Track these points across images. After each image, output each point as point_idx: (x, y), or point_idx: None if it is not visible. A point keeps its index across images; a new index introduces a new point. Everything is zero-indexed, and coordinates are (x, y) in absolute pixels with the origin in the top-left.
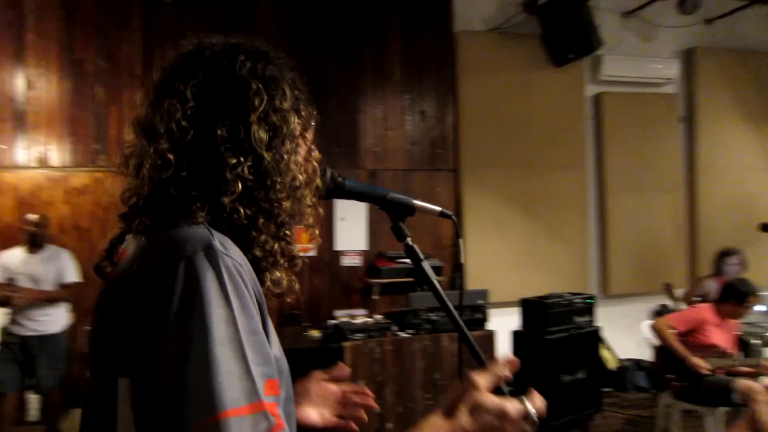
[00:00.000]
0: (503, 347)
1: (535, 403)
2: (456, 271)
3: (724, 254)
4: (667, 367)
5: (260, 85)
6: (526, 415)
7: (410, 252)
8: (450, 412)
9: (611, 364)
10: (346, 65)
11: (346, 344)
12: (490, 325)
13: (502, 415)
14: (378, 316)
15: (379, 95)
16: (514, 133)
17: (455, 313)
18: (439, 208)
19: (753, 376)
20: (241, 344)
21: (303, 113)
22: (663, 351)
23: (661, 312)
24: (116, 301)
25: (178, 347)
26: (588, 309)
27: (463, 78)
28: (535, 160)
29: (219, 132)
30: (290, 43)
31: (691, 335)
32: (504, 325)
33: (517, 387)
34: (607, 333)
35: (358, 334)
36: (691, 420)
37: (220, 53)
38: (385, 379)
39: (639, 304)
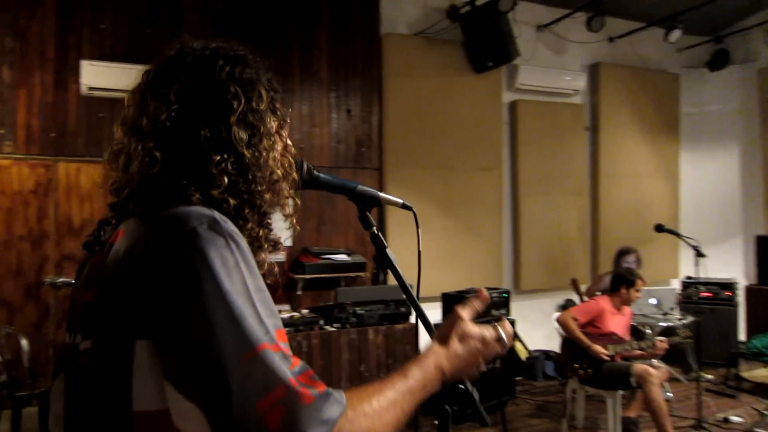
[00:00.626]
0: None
1: (505, 330)
2: (418, 260)
3: (622, 253)
4: (572, 356)
5: (238, 88)
6: (499, 339)
7: (375, 240)
8: (443, 340)
9: (523, 355)
10: (273, 60)
11: None
12: (413, 318)
13: (483, 340)
14: (305, 311)
15: (306, 92)
16: (436, 134)
17: (415, 297)
18: (401, 200)
19: (646, 358)
20: (252, 298)
21: (278, 112)
22: (568, 341)
23: (566, 306)
24: (123, 274)
25: (201, 304)
26: (504, 303)
27: (389, 79)
28: (454, 161)
29: (202, 132)
30: (215, 35)
31: (592, 325)
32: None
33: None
34: (519, 326)
35: (285, 329)
36: (594, 403)
37: (200, 58)
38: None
39: (547, 298)
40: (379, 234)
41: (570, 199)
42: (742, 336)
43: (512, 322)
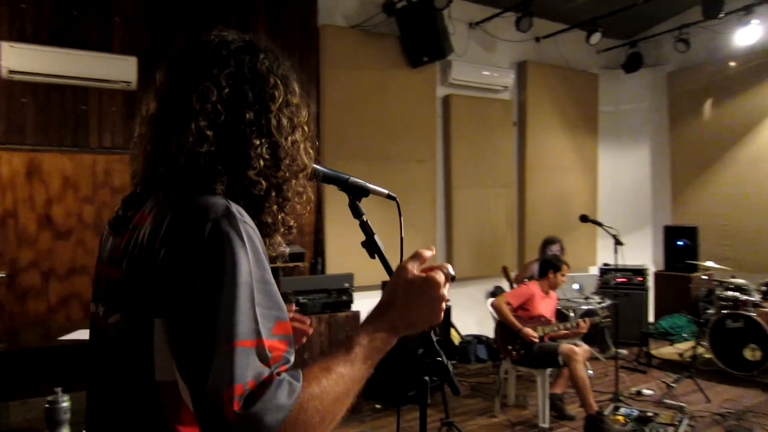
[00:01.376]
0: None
1: (446, 266)
2: (401, 247)
3: (548, 242)
4: (505, 338)
5: (278, 81)
6: (446, 275)
7: (365, 227)
8: (390, 296)
9: (456, 339)
10: None
11: None
12: (355, 306)
13: (429, 282)
14: None
15: None
16: (373, 126)
17: None
18: (386, 191)
19: (571, 338)
20: (252, 291)
21: (306, 109)
22: (502, 325)
23: (495, 293)
24: (146, 257)
25: (207, 292)
26: None
27: (326, 71)
28: (391, 153)
29: (247, 116)
30: (148, 20)
31: (522, 309)
32: (368, 306)
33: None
34: (452, 312)
35: None
36: (523, 382)
37: (244, 48)
38: None
39: (478, 286)
40: (368, 222)
41: (499, 191)
42: (651, 317)
43: (448, 309)
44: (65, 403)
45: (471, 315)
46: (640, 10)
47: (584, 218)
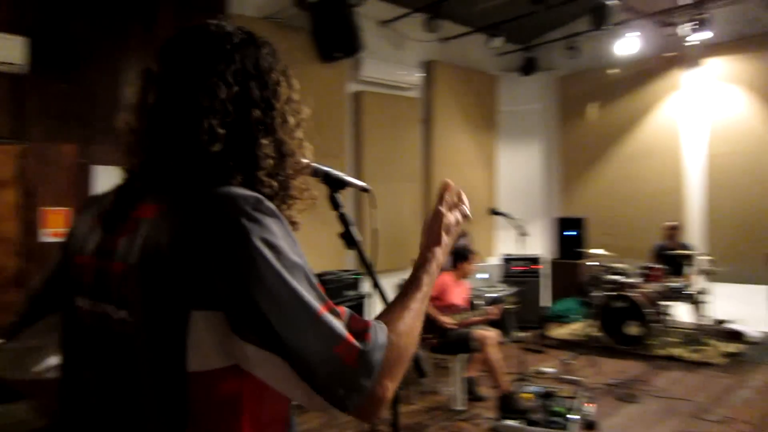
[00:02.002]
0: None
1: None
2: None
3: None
4: (422, 328)
5: (281, 77)
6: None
7: (343, 219)
8: (433, 238)
9: None
10: (111, 34)
11: None
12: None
13: (459, 221)
14: None
15: None
16: None
17: (375, 272)
18: (363, 183)
19: (482, 324)
20: (304, 267)
21: (302, 105)
22: None
23: (382, 292)
24: (176, 250)
25: (273, 275)
26: (355, 284)
27: None
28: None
29: (254, 114)
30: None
31: (437, 299)
32: None
33: None
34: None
35: None
36: (440, 370)
37: (246, 42)
38: None
39: (389, 279)
40: (346, 213)
41: (407, 186)
42: (547, 302)
43: (360, 304)
44: None
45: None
46: (535, 18)
47: (493, 211)
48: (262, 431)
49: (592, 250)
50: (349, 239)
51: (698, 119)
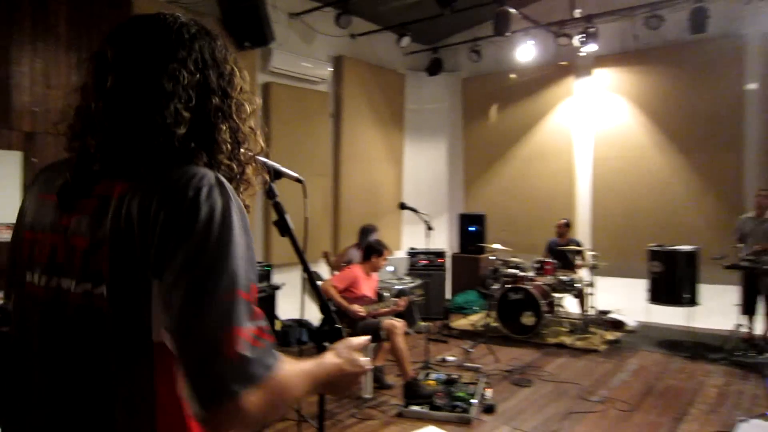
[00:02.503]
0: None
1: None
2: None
3: (367, 230)
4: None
5: (234, 68)
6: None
7: (278, 208)
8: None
9: (278, 325)
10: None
11: None
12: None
13: (359, 370)
14: None
15: (41, 49)
16: None
17: (307, 261)
18: (296, 174)
19: (390, 314)
20: (246, 252)
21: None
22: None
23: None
24: (142, 222)
25: (209, 247)
26: (266, 276)
27: None
28: None
29: (213, 101)
30: None
31: (348, 291)
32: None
33: None
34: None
35: None
36: None
37: (202, 33)
38: None
39: (297, 272)
40: (280, 203)
41: (317, 180)
42: (449, 294)
43: (272, 296)
44: None
45: (291, 300)
46: (442, 20)
47: (402, 206)
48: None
49: (491, 245)
50: (283, 227)
51: (587, 125)
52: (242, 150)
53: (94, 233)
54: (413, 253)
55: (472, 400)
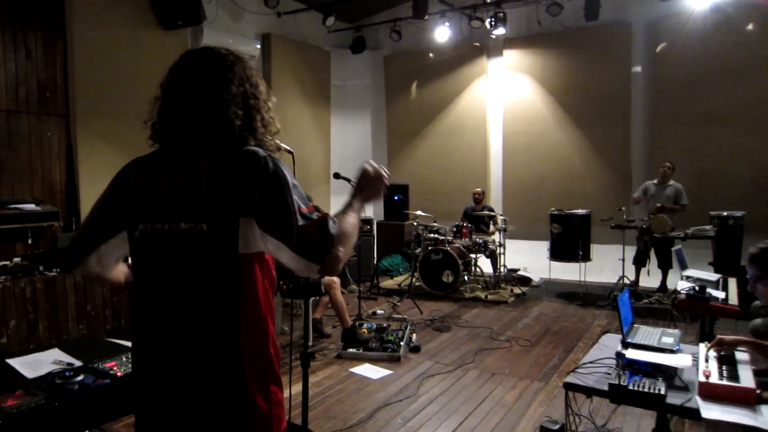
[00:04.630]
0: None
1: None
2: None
3: None
4: (278, 273)
5: (258, 80)
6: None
7: None
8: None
9: None
10: None
11: None
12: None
13: (378, 174)
14: (17, 259)
15: None
16: (129, 86)
17: None
18: (288, 147)
19: None
20: (299, 188)
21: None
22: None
23: None
24: (230, 182)
25: (284, 190)
26: None
27: (73, 23)
28: (146, 114)
29: (251, 102)
30: None
31: None
32: None
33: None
34: None
35: (2, 276)
36: (287, 313)
37: (236, 59)
38: (38, 315)
39: None
40: None
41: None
42: (376, 259)
43: None
44: None
45: None
46: (364, 1)
47: (336, 175)
48: (266, 293)
49: (414, 213)
50: None
51: (498, 102)
52: (268, 131)
53: (193, 192)
54: None
55: (401, 343)
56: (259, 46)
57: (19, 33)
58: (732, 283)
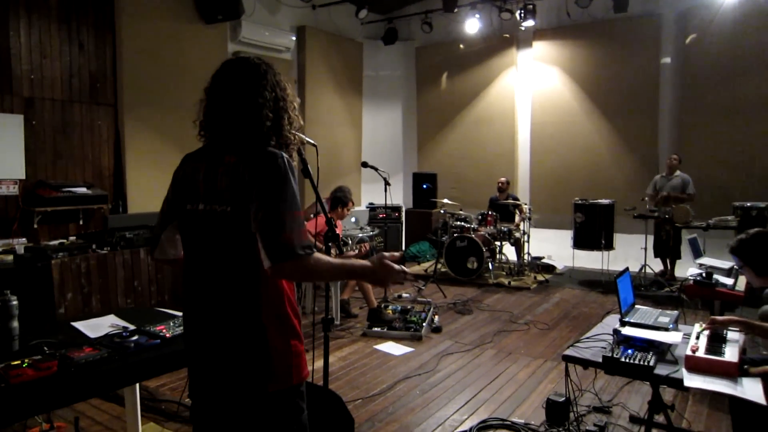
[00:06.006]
0: None
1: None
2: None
3: (337, 189)
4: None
5: (286, 85)
6: (401, 270)
7: (303, 160)
8: (374, 261)
9: None
10: None
11: (54, 262)
12: None
13: (393, 269)
14: (72, 238)
15: (35, 21)
16: (172, 77)
17: (319, 194)
18: (312, 140)
19: (358, 257)
20: (297, 193)
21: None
22: None
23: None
24: (249, 175)
25: (286, 188)
26: None
27: (122, 16)
28: (189, 104)
29: (280, 104)
30: None
31: (318, 236)
32: None
33: None
34: None
35: (60, 253)
36: (320, 295)
37: (267, 67)
38: (92, 289)
39: None
40: (305, 158)
41: None
42: (404, 245)
43: None
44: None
45: None
46: None
47: (365, 164)
48: None
49: (441, 201)
50: (305, 172)
51: (527, 93)
52: (293, 128)
53: (223, 181)
54: (373, 208)
55: (423, 323)
56: (294, 38)
57: (73, 28)
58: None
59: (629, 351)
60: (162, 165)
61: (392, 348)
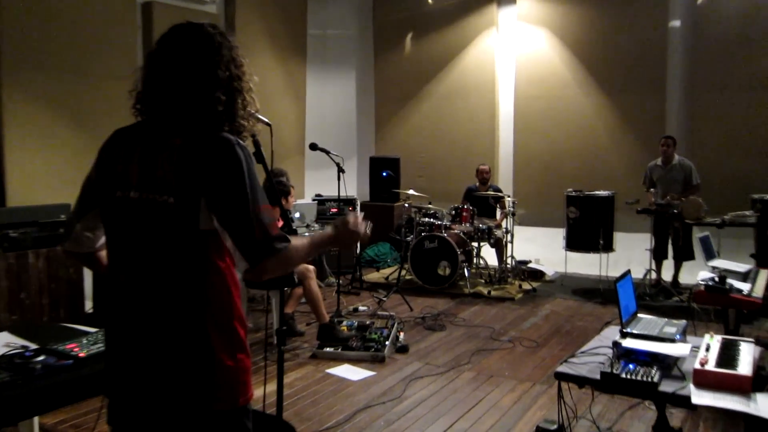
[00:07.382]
0: None
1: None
2: None
3: (276, 174)
4: None
5: (242, 61)
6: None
7: (257, 143)
8: (337, 224)
9: None
10: None
11: None
12: None
13: (355, 224)
14: None
15: None
16: (63, 35)
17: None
18: (266, 119)
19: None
20: (259, 184)
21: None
22: None
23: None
24: (197, 163)
25: (243, 180)
26: None
27: None
28: (85, 67)
29: (234, 85)
30: None
31: None
32: None
33: None
34: None
35: None
36: (259, 303)
37: (224, 39)
38: None
39: None
40: (258, 140)
41: None
42: (359, 245)
43: None
44: None
45: None
46: None
47: (313, 146)
48: (230, 268)
49: (405, 192)
50: (258, 156)
51: (509, 60)
52: (248, 111)
53: (165, 167)
54: (322, 200)
55: (386, 342)
56: None
57: None
58: (764, 274)
59: (631, 366)
60: (54, 144)
61: (349, 372)
